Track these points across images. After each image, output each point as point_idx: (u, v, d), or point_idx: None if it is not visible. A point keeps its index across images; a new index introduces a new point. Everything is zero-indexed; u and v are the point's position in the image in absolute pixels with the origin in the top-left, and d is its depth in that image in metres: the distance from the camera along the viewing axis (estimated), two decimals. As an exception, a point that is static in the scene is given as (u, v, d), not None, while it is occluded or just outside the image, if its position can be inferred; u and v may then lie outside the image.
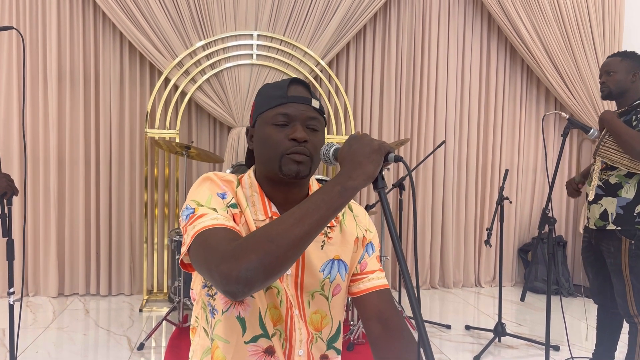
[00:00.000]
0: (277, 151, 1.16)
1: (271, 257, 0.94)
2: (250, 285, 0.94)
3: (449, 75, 4.80)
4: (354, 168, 1.02)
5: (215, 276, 0.96)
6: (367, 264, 1.32)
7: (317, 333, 1.26)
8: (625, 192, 2.57)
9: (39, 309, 4.00)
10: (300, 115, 1.18)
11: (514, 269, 5.05)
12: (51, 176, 4.21)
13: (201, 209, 1.12)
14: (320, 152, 1.16)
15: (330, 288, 1.26)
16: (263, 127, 1.19)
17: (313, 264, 1.23)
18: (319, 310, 1.26)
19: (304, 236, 0.97)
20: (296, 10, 4.32)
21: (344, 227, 1.29)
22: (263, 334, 1.20)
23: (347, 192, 1.00)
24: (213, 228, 1.07)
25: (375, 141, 1.05)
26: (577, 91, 4.72)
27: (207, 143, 4.49)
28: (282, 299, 1.20)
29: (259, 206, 1.21)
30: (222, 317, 1.20)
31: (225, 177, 1.23)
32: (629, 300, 2.56)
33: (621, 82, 2.60)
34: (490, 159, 4.92)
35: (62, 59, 4.23)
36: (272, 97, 1.19)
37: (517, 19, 4.59)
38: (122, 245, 4.38)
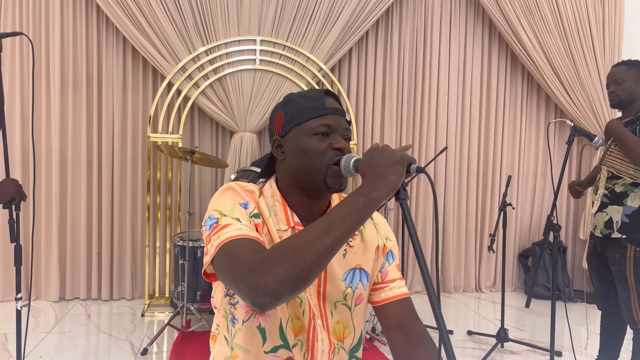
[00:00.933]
0: (323, 162, 1.17)
1: (298, 269, 0.94)
2: (278, 297, 0.94)
3: (450, 81, 4.82)
4: (377, 179, 1.03)
5: (242, 288, 0.97)
6: (388, 273, 1.33)
7: (340, 343, 1.26)
8: (631, 201, 2.59)
9: (40, 313, 3.99)
10: (339, 126, 1.20)
11: (514, 274, 5.07)
12: (53, 180, 4.20)
13: (225, 219, 1.12)
14: (341, 163, 1.16)
15: (353, 298, 1.26)
16: (301, 138, 1.19)
17: (335, 272, 1.23)
18: (342, 320, 1.26)
19: (330, 247, 0.97)
20: (299, 16, 4.33)
21: (365, 236, 1.30)
22: (283, 344, 1.20)
23: (371, 204, 1.01)
24: (238, 239, 1.07)
25: (398, 152, 1.05)
26: (577, 97, 4.76)
27: (209, 148, 4.50)
28: (304, 309, 1.20)
29: (281, 216, 1.21)
30: (242, 327, 1.20)
31: (247, 187, 1.23)
32: (634, 307, 2.58)
33: (631, 90, 2.62)
34: (491, 165, 4.95)
35: (65, 63, 4.23)
36: (309, 108, 1.20)
37: (517, 25, 4.63)
38: (123, 249, 4.37)
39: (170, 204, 4.34)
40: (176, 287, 3.80)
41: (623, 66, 2.66)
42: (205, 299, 3.71)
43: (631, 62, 2.67)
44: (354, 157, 1.14)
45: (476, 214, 4.96)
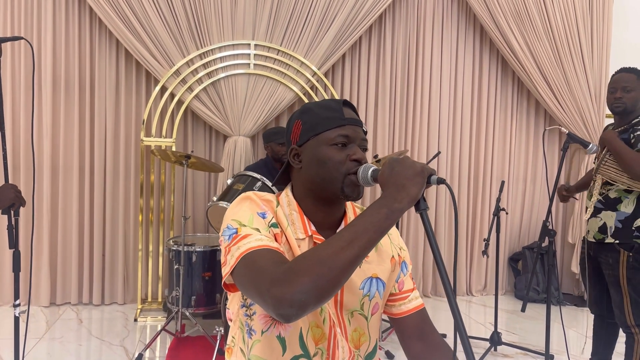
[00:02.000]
0: (340, 172, 1.18)
1: (323, 280, 0.96)
2: (304, 308, 0.95)
3: (442, 86, 4.87)
4: (398, 190, 1.04)
5: (267, 299, 0.97)
6: (404, 283, 1.35)
7: (357, 351, 1.28)
8: (625, 207, 2.65)
9: (31, 319, 3.94)
10: (357, 137, 1.22)
11: (504, 278, 5.12)
12: (44, 184, 4.16)
13: (244, 229, 1.13)
14: (359, 173, 1.18)
15: (370, 307, 1.28)
16: (320, 148, 1.20)
17: (353, 281, 1.25)
18: (358, 329, 1.28)
19: (354, 258, 0.99)
20: (293, 21, 4.35)
21: (379, 246, 1.32)
22: (303, 354, 1.20)
23: (393, 215, 1.03)
24: (259, 249, 1.07)
25: (418, 164, 1.07)
26: (566, 103, 4.83)
27: (203, 152, 4.49)
28: (325, 317, 1.21)
29: (298, 224, 1.22)
30: (261, 337, 1.21)
31: (265, 196, 1.24)
32: (627, 311, 2.63)
33: (637, 100, 2.64)
34: (482, 170, 5.00)
35: (57, 66, 4.20)
36: (328, 118, 1.21)
37: (508, 32, 4.69)
38: (115, 253, 4.34)
39: (164, 208, 4.33)
40: (170, 291, 3.78)
41: (632, 74, 2.66)
42: (200, 304, 3.70)
43: (639, 73, 2.69)
44: (372, 167, 1.16)
45: (467, 218, 5.01)
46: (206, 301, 3.71)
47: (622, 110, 2.66)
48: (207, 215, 3.45)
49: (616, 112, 2.69)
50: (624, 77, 2.67)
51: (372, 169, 1.15)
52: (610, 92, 2.70)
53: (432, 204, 4.89)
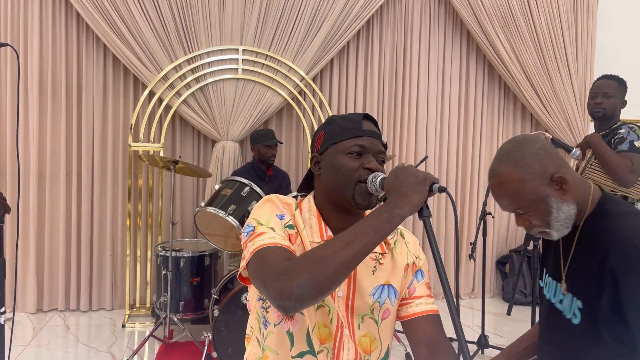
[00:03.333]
0: (352, 179, 1.23)
1: (322, 276, 1.02)
2: (302, 301, 1.02)
3: (430, 91, 4.91)
4: (401, 197, 1.10)
5: (270, 291, 1.05)
6: (416, 289, 1.37)
7: (367, 356, 1.30)
8: None
9: (18, 325, 3.92)
10: (374, 148, 1.27)
11: (491, 281, 5.16)
12: (31, 189, 4.14)
13: (261, 228, 1.21)
14: (368, 181, 1.22)
15: (380, 312, 1.31)
16: (336, 156, 1.26)
17: (364, 287, 1.29)
18: (369, 334, 1.30)
19: (353, 258, 1.05)
20: (281, 26, 4.36)
21: (395, 255, 1.35)
22: (309, 350, 1.25)
23: (394, 220, 1.08)
24: (270, 246, 1.16)
25: (421, 172, 1.12)
26: (552, 108, 4.89)
27: (191, 156, 4.48)
28: (332, 317, 1.26)
29: (315, 229, 1.29)
30: (273, 330, 1.27)
31: (285, 200, 1.32)
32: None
33: (616, 106, 2.70)
34: (469, 174, 5.04)
35: (44, 71, 4.18)
36: (347, 129, 1.27)
37: (495, 38, 4.74)
38: (103, 258, 4.32)
39: (152, 213, 4.31)
40: (158, 297, 3.77)
41: (614, 81, 2.73)
42: (188, 309, 3.69)
43: (620, 80, 2.75)
44: (381, 175, 1.21)
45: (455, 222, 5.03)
46: (194, 306, 3.71)
47: (601, 116, 2.72)
48: (195, 221, 3.45)
49: (596, 117, 2.75)
50: (605, 84, 2.73)
51: (380, 177, 1.20)
52: (591, 97, 2.76)
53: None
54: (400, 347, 3.65)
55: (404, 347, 3.63)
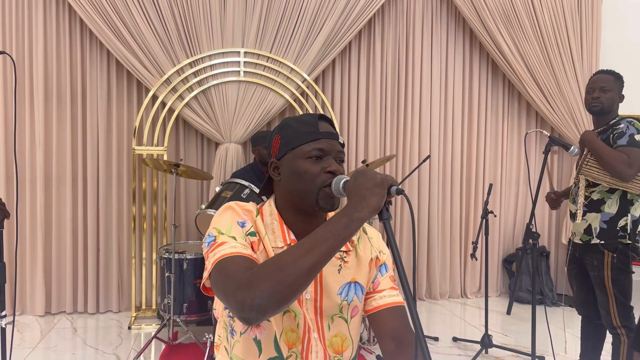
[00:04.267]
0: (315, 184, 1.23)
1: (282, 285, 1.02)
2: (263, 312, 1.02)
3: (433, 90, 4.89)
4: (359, 201, 1.09)
5: (232, 303, 1.04)
6: (380, 283, 1.38)
7: (338, 356, 1.31)
8: (608, 207, 2.66)
9: (26, 328, 3.97)
10: (332, 150, 1.27)
11: (499, 279, 5.12)
12: (38, 194, 4.20)
13: (222, 237, 1.21)
14: (332, 185, 1.22)
15: (349, 310, 1.32)
16: (296, 161, 1.26)
17: (331, 287, 1.29)
18: (339, 334, 1.31)
19: (313, 265, 1.04)
20: (282, 28, 4.38)
21: (359, 251, 1.36)
22: (278, 356, 1.26)
23: (353, 224, 1.08)
24: (231, 256, 1.15)
25: (379, 175, 1.12)
26: (557, 105, 4.84)
27: (195, 159, 4.52)
28: (299, 321, 1.26)
29: (278, 233, 1.28)
30: (240, 338, 1.27)
31: (246, 206, 1.31)
32: (612, 312, 2.64)
33: (614, 101, 2.68)
34: (474, 172, 5.02)
35: (49, 77, 4.24)
36: (304, 132, 1.27)
37: (497, 35, 4.71)
38: (109, 261, 4.37)
39: (157, 215, 4.35)
40: (162, 299, 3.80)
41: (610, 76, 2.70)
42: (192, 311, 3.72)
43: (617, 75, 2.72)
44: (344, 178, 1.21)
45: (460, 221, 5.02)
46: (198, 308, 3.73)
47: (599, 110, 2.70)
48: (196, 223, 3.47)
49: (593, 111, 2.73)
50: (602, 78, 2.71)
51: (343, 181, 1.20)
52: (588, 92, 2.74)
53: (425, 208, 4.90)
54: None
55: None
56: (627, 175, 2.50)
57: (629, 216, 2.64)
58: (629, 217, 2.64)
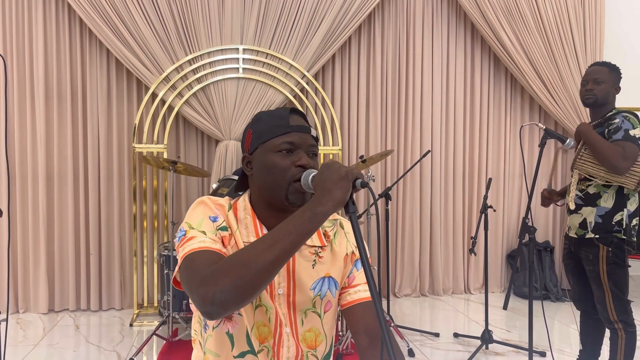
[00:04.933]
0: (285, 179, 1.22)
1: (244, 280, 1.01)
2: (225, 307, 1.01)
3: (434, 85, 4.85)
4: (324, 195, 1.08)
5: (194, 297, 1.04)
6: (355, 278, 1.36)
7: (312, 351, 1.31)
8: (604, 202, 2.63)
9: (29, 325, 4.01)
10: (303, 143, 1.26)
11: (502, 275, 5.08)
12: (40, 193, 4.23)
13: (192, 232, 1.20)
14: (301, 180, 1.21)
15: (322, 305, 1.31)
16: (266, 155, 1.25)
17: (304, 282, 1.28)
18: (313, 328, 1.31)
19: (275, 260, 1.03)
20: (281, 24, 4.37)
21: (334, 247, 1.35)
22: (250, 350, 1.26)
23: (316, 218, 1.06)
24: (199, 251, 1.15)
25: (343, 168, 1.10)
26: (560, 99, 4.79)
27: (195, 157, 4.52)
28: (271, 316, 1.26)
29: (250, 228, 1.27)
30: (212, 333, 1.27)
31: (218, 201, 1.30)
32: (609, 306, 2.60)
33: (608, 92, 2.65)
34: (477, 167, 4.98)
35: (49, 76, 4.26)
36: (274, 126, 1.26)
37: (499, 28, 4.66)
38: (112, 259, 4.39)
39: (157, 213, 4.37)
40: (162, 296, 3.81)
41: (605, 67, 2.67)
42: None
43: (612, 66, 2.69)
44: (313, 172, 1.19)
45: (463, 216, 4.99)
46: (198, 305, 3.73)
47: (592, 102, 2.67)
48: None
49: (587, 103, 2.70)
50: (595, 70, 2.68)
51: (312, 175, 1.18)
52: (582, 84, 2.72)
53: (427, 203, 4.87)
54: (402, 343, 3.63)
55: (406, 342, 3.60)
56: (621, 168, 2.47)
57: (624, 211, 2.60)
58: (625, 212, 2.60)
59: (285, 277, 1.27)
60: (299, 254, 1.29)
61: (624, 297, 2.60)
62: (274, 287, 1.26)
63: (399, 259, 4.86)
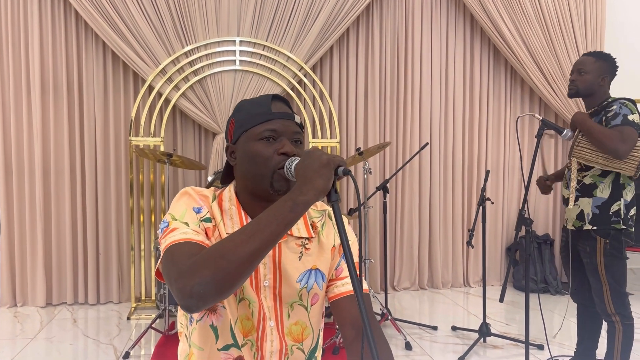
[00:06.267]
0: (268, 167, 1.19)
1: (223, 273, 0.99)
2: (204, 300, 0.99)
3: (433, 77, 4.82)
4: (305, 183, 1.05)
5: (173, 290, 1.02)
6: (343, 270, 1.34)
7: (298, 344, 1.29)
8: (600, 192, 2.60)
9: (27, 319, 4.01)
10: (287, 130, 1.22)
11: (502, 268, 5.06)
12: (37, 186, 4.21)
13: (174, 223, 1.18)
14: (284, 168, 1.18)
15: (309, 297, 1.29)
16: (249, 144, 1.22)
17: (290, 274, 1.26)
18: (299, 322, 1.29)
19: (255, 252, 1.00)
20: (278, 15, 4.33)
21: (321, 238, 1.33)
22: (233, 343, 1.24)
23: (297, 207, 1.03)
24: (180, 242, 1.12)
25: (325, 156, 1.07)
26: (560, 90, 4.75)
27: (192, 150, 4.50)
28: (254, 310, 1.23)
29: (235, 219, 1.25)
30: (197, 325, 1.25)
31: (202, 192, 1.27)
32: (606, 299, 2.58)
33: (590, 83, 2.62)
34: (476, 159, 4.94)
35: (45, 69, 4.24)
36: (256, 114, 1.23)
37: (499, 20, 4.62)
38: (109, 252, 4.38)
39: (154, 207, 4.35)
40: (159, 289, 3.80)
41: (591, 57, 2.65)
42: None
43: (600, 55, 2.65)
44: (296, 160, 1.16)
45: (462, 209, 4.96)
46: (194, 298, 3.72)
47: (574, 93, 2.67)
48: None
49: (569, 94, 2.70)
50: (580, 60, 2.66)
51: (295, 163, 1.15)
52: (570, 74, 2.69)
53: (426, 196, 4.84)
54: (400, 337, 3.61)
55: (403, 336, 3.59)
56: (621, 152, 2.43)
57: (621, 200, 2.57)
58: (622, 202, 2.57)
59: (271, 269, 1.25)
60: (286, 245, 1.27)
61: (622, 290, 2.57)
62: (259, 279, 1.24)
63: (398, 252, 4.84)
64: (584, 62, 2.63)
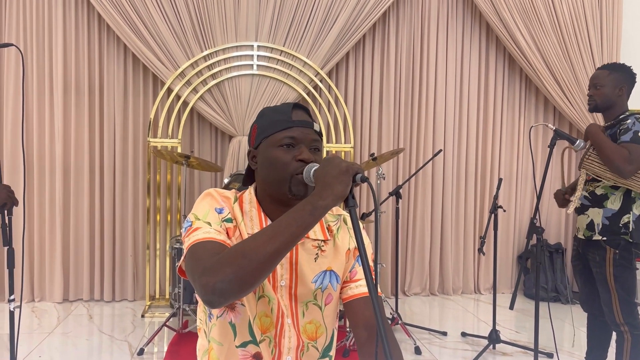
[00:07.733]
0: (287, 172, 1.25)
1: (244, 271, 1.04)
2: (225, 296, 1.05)
3: (448, 84, 4.85)
4: (324, 188, 1.10)
5: (197, 286, 1.08)
6: (357, 273, 1.39)
7: (312, 342, 1.34)
8: (611, 203, 2.62)
9: (44, 314, 4.10)
10: (305, 138, 1.28)
11: (513, 275, 5.07)
12: (57, 184, 4.32)
13: (197, 223, 1.24)
14: (304, 173, 1.23)
15: (323, 297, 1.34)
16: (269, 150, 1.28)
17: (306, 275, 1.31)
18: (314, 320, 1.34)
19: (275, 252, 1.06)
20: (296, 21, 4.40)
21: (337, 241, 1.38)
22: (252, 340, 1.29)
23: (317, 211, 1.09)
24: (204, 241, 1.18)
25: (344, 163, 1.12)
26: (575, 100, 4.76)
27: (208, 152, 4.58)
28: (273, 307, 1.29)
29: (255, 221, 1.30)
30: (216, 322, 1.31)
31: (225, 193, 1.33)
32: (615, 309, 2.59)
33: (608, 96, 2.63)
34: (489, 167, 4.96)
35: (68, 71, 4.35)
36: (276, 121, 1.29)
37: (514, 29, 4.64)
38: (125, 251, 4.47)
39: (170, 207, 4.43)
40: (173, 288, 3.88)
41: (605, 70, 2.67)
42: (202, 300, 3.77)
43: (614, 67, 2.67)
44: (315, 166, 1.21)
45: (474, 216, 4.98)
46: (208, 298, 3.79)
47: (594, 108, 2.69)
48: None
49: (590, 109, 2.72)
50: (595, 74, 2.69)
51: (314, 169, 1.20)
52: (587, 89, 2.72)
53: (438, 203, 4.87)
54: (409, 341, 3.65)
55: (413, 340, 3.62)
56: (625, 172, 2.46)
57: (631, 214, 2.59)
58: (632, 215, 2.59)
59: (287, 269, 1.30)
60: (302, 247, 1.32)
61: (631, 300, 2.59)
62: (276, 278, 1.29)
63: (409, 258, 4.87)
64: (599, 76, 2.66)
